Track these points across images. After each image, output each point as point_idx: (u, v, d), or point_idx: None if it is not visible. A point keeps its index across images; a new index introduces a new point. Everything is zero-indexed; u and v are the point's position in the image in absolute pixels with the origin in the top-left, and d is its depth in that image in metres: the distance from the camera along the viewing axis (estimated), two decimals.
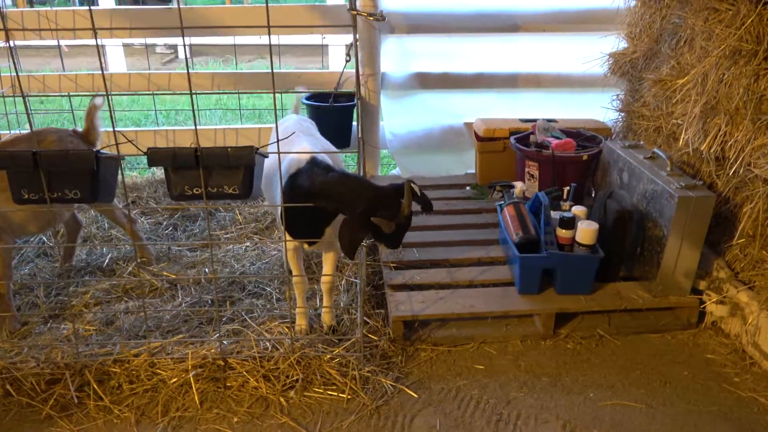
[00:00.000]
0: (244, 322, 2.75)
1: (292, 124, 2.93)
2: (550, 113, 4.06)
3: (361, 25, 3.95)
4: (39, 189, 2.20)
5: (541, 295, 2.83)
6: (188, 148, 2.14)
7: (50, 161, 2.15)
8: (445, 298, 2.82)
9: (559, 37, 4.16)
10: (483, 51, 4.20)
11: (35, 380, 2.39)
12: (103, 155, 2.21)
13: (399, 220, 2.22)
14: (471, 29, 4.09)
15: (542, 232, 2.82)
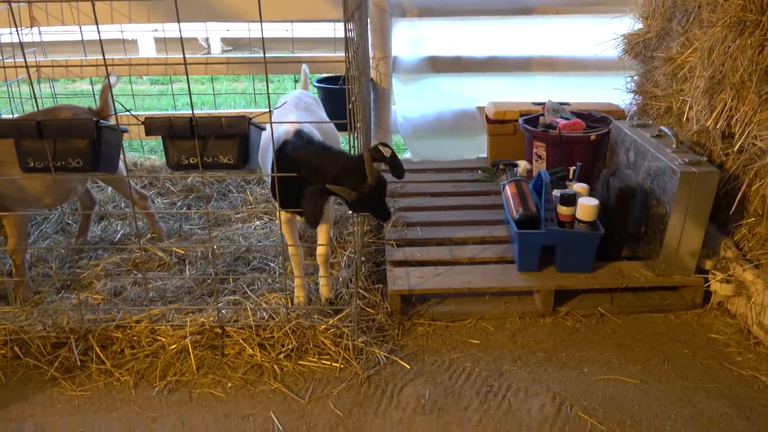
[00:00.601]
0: (245, 294, 2.80)
1: (291, 98, 2.97)
2: (564, 97, 4.02)
3: (372, 9, 3.98)
4: (44, 157, 2.28)
5: (541, 273, 2.81)
6: (183, 117, 2.20)
7: (53, 130, 2.23)
8: (443, 274, 2.82)
9: (573, 20, 4.11)
10: (495, 34, 4.19)
11: (41, 343, 2.49)
12: (103, 125, 2.29)
13: (363, 189, 2.23)
14: (483, 12, 4.08)
15: (542, 209, 2.80)
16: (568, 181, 3.07)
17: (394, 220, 3.30)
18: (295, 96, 3.01)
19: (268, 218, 3.63)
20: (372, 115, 4.25)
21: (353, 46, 2.45)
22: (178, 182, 4.09)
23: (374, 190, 2.28)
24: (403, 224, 3.29)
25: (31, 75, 4.17)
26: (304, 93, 3.14)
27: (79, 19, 3.92)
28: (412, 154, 4.40)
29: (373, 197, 2.29)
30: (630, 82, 3.76)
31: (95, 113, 3.01)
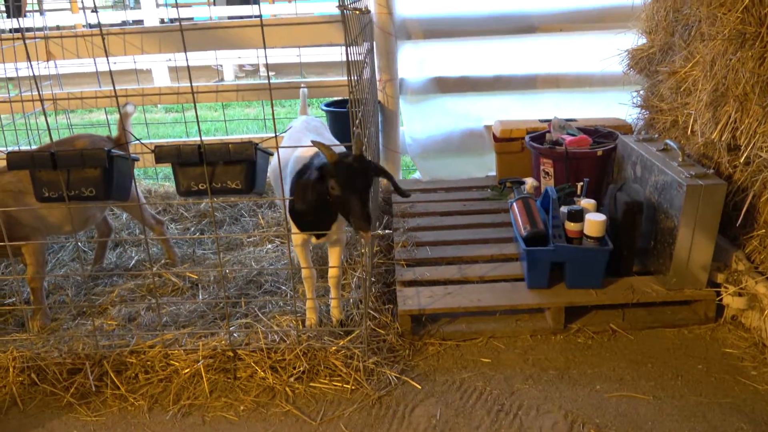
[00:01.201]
0: (256, 317, 2.82)
1: (299, 124, 3.02)
2: (570, 113, 4.03)
3: (377, 32, 4.04)
4: (58, 187, 2.34)
5: (551, 290, 2.80)
6: (192, 144, 2.24)
7: (66, 161, 2.29)
8: (453, 293, 2.82)
9: (576, 37, 4.14)
10: (500, 53, 4.22)
11: (58, 370, 2.52)
12: (115, 154, 2.34)
13: (348, 159, 2.26)
14: (487, 32, 4.12)
15: (550, 225, 2.80)
16: (576, 197, 3.06)
17: (403, 241, 3.31)
18: (304, 120, 3.06)
19: (279, 241, 3.66)
20: (380, 137, 4.29)
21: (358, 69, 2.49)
22: (191, 208, 4.15)
23: (358, 162, 2.26)
24: (412, 244, 3.30)
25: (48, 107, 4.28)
26: (311, 117, 3.20)
27: (93, 52, 4.02)
28: (421, 174, 4.43)
29: (355, 175, 2.25)
30: (636, 97, 3.76)
31: (114, 141, 3.08)
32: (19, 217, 2.79)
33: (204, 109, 7.66)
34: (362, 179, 2.26)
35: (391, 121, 4.27)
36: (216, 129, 6.77)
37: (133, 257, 3.57)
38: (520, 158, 3.85)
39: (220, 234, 3.79)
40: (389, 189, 4.17)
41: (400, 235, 3.39)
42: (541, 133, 3.67)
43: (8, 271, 3.44)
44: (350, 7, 2.06)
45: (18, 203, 2.78)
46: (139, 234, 3.86)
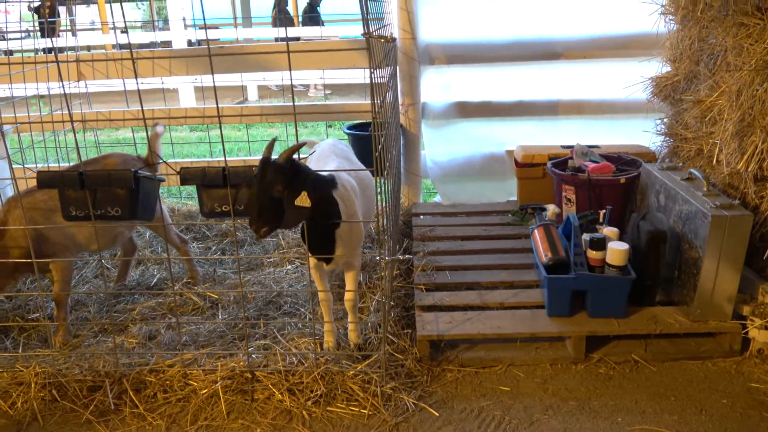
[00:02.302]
0: (275, 338, 2.83)
1: (327, 147, 3.05)
2: (593, 140, 4.02)
3: (401, 57, 4.08)
4: (85, 206, 2.39)
5: (573, 318, 2.77)
6: (217, 167, 2.28)
7: (93, 181, 2.34)
8: (472, 319, 2.81)
9: (600, 64, 4.14)
10: (523, 79, 4.23)
11: (78, 387, 2.55)
12: (141, 175, 2.39)
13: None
14: (510, 58, 4.14)
15: (572, 253, 2.78)
16: (598, 225, 3.04)
17: (423, 265, 3.31)
18: (330, 144, 3.09)
19: (299, 262, 3.68)
20: (402, 160, 4.31)
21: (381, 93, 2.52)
22: (213, 227, 4.20)
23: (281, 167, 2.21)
24: (432, 268, 3.30)
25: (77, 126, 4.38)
26: (337, 141, 3.22)
27: (123, 73, 4.12)
28: (442, 197, 4.43)
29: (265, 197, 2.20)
30: (660, 125, 3.74)
31: (144, 161, 3.13)
32: (48, 234, 2.85)
33: (228, 128, 7.78)
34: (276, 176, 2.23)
35: (412, 145, 4.30)
36: (239, 149, 6.87)
37: (155, 275, 3.61)
38: (541, 184, 3.84)
39: (241, 255, 3.82)
40: (410, 211, 4.18)
41: (419, 259, 3.39)
42: (564, 160, 3.66)
43: (33, 287, 3.50)
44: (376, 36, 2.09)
45: (48, 221, 2.84)
46: (162, 252, 3.91)
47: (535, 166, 3.84)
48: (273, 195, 2.17)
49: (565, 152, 3.80)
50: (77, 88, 4.36)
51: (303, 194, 2.20)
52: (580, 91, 4.24)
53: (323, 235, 2.45)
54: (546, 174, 3.74)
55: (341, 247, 2.52)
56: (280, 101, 9.18)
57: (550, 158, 3.74)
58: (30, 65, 3.97)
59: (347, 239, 2.52)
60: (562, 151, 3.84)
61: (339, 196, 2.48)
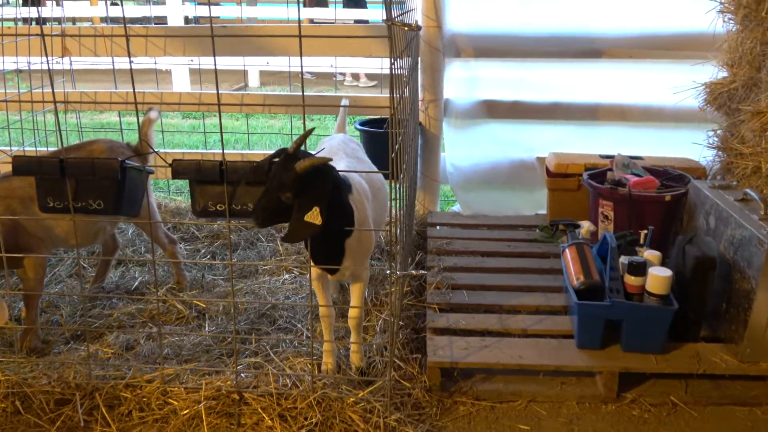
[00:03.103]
0: (267, 356, 2.83)
1: (336, 144, 3.05)
2: (636, 150, 4.00)
3: (423, 47, 4.09)
4: (64, 197, 2.40)
5: (604, 351, 2.76)
6: (213, 161, 2.29)
7: (76, 169, 2.35)
8: (490, 347, 2.80)
9: (647, 65, 4.13)
10: (560, 78, 4.23)
11: (45, 399, 2.56)
12: (128, 165, 2.40)
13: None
14: (547, 54, 4.14)
15: (607, 277, 2.77)
16: (638, 247, 3.03)
17: (437, 282, 3.30)
18: (340, 140, 3.09)
19: (298, 272, 3.69)
20: (419, 163, 4.32)
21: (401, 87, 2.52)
22: (203, 227, 4.21)
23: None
24: (447, 286, 3.29)
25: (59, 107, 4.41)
26: (347, 138, 3.23)
27: (112, 50, 4.15)
28: (461, 206, 4.43)
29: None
30: (712, 137, 3.73)
31: (134, 150, 3.14)
32: (26, 225, 2.86)
33: (224, 117, 7.82)
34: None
35: (432, 146, 4.30)
36: (236, 140, 6.90)
37: (137, 278, 3.63)
38: (575, 197, 3.83)
39: (234, 260, 3.83)
40: (425, 220, 4.18)
41: (434, 275, 3.38)
42: (602, 171, 3.65)
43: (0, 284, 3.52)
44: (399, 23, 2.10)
45: (27, 211, 2.86)
46: (146, 252, 3.92)
47: (569, 177, 3.84)
48: (280, 198, 2.18)
49: (604, 163, 3.79)
50: (60, 65, 4.40)
51: (315, 210, 2.17)
52: (623, 95, 4.23)
53: (331, 243, 2.45)
54: (581, 186, 3.73)
55: (350, 258, 2.52)
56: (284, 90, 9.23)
57: (586, 168, 3.73)
58: (10, 37, 4.01)
59: (357, 249, 2.53)
60: (600, 161, 3.83)
61: (354, 201, 2.49)
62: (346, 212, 2.44)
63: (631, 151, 3.93)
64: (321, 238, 2.37)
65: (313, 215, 2.17)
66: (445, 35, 4.14)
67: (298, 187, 2.18)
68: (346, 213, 2.43)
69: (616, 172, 3.58)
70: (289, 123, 6.87)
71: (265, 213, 2.22)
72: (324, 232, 2.22)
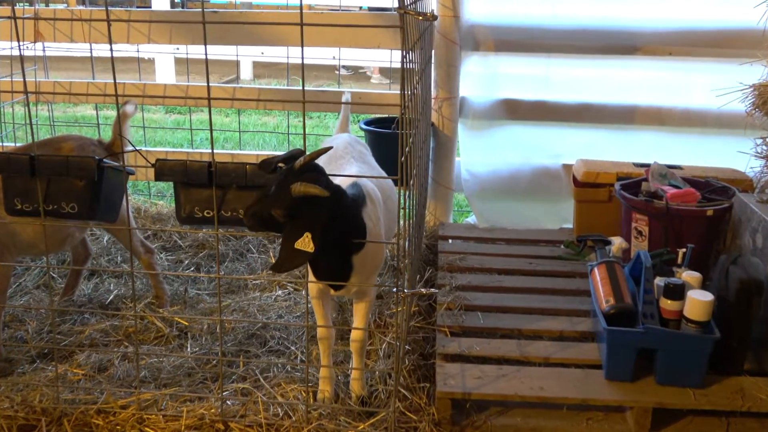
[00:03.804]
0: (257, 382, 2.83)
1: (341, 145, 3.07)
2: (674, 159, 4.00)
3: (438, 39, 4.11)
4: (34, 199, 2.41)
5: (636, 384, 2.74)
6: (201, 162, 2.30)
7: (48, 168, 2.36)
8: (508, 376, 2.79)
9: (689, 64, 4.15)
10: (590, 76, 4.25)
11: (7, 425, 2.56)
12: (106, 165, 2.41)
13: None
14: (575, 49, 4.15)
15: (640, 301, 2.77)
16: (676, 267, 3.03)
17: (449, 302, 3.30)
18: (345, 141, 3.11)
19: (292, 288, 3.69)
20: (431, 168, 4.32)
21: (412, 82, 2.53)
22: (187, 236, 4.22)
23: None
24: (460, 307, 3.29)
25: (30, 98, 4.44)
26: (354, 139, 3.24)
27: (90, 36, 4.18)
28: (477, 218, 4.43)
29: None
30: (761, 145, 3.73)
31: (106, 147, 3.16)
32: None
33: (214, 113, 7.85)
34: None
35: (445, 149, 4.31)
36: (226, 139, 6.93)
37: (112, 291, 3.63)
38: (606, 210, 3.83)
39: (221, 273, 3.83)
40: (435, 233, 4.18)
41: (445, 295, 3.38)
42: (636, 181, 3.65)
43: None
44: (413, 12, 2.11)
45: None
46: (123, 262, 3.93)
47: (599, 187, 3.84)
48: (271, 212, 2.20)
49: (638, 172, 3.79)
50: (32, 51, 4.43)
51: (306, 237, 2.16)
52: (661, 96, 4.24)
53: (338, 257, 2.45)
54: (613, 198, 3.73)
55: (358, 274, 2.51)
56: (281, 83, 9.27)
57: (618, 178, 3.73)
58: None
59: (366, 264, 2.53)
60: (634, 170, 3.84)
61: (368, 214, 2.51)
62: (359, 227, 2.45)
63: (669, 159, 3.93)
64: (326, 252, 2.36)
65: (304, 242, 2.17)
66: (463, 26, 4.16)
67: (291, 210, 2.19)
68: (358, 228, 2.45)
69: (651, 183, 3.58)
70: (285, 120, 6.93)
71: (254, 220, 2.24)
72: (332, 246, 2.23)
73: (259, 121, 7.96)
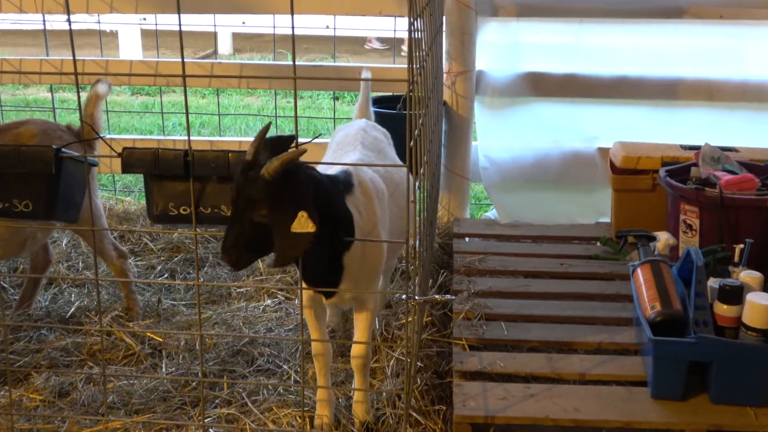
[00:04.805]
0: (244, 407, 2.84)
1: (353, 132, 3.07)
2: (729, 139, 4.00)
3: (450, 4, 4.10)
4: None
5: (687, 403, 2.74)
6: (175, 150, 2.30)
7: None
8: (537, 396, 2.79)
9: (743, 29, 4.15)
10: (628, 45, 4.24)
11: None
12: (66, 155, 2.41)
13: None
14: (610, 13, 4.16)
15: (691, 306, 2.77)
16: (732, 267, 3.03)
17: (467, 311, 3.30)
18: (360, 128, 3.11)
19: (283, 296, 3.69)
20: (443, 154, 4.32)
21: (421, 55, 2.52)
22: (160, 237, 4.22)
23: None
24: (480, 316, 3.29)
25: None
26: (370, 125, 3.24)
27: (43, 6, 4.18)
28: (498, 212, 4.43)
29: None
30: None
31: (76, 135, 3.14)
32: None
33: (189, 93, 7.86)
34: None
35: (459, 132, 4.32)
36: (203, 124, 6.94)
37: (73, 303, 3.64)
38: (649, 200, 3.84)
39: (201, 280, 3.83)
40: (450, 230, 4.18)
41: (462, 302, 3.38)
42: (684, 166, 3.65)
43: None
44: None
45: None
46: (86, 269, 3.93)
47: (640, 174, 3.84)
48: (254, 219, 2.17)
49: (687, 156, 3.78)
50: None
51: (301, 216, 2.15)
52: (711, 67, 4.24)
53: (323, 258, 2.44)
54: (657, 186, 3.73)
55: (350, 278, 2.50)
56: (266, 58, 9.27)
57: (663, 163, 3.73)
58: None
59: (360, 266, 2.53)
60: (682, 153, 3.83)
61: (354, 203, 2.49)
62: (343, 218, 2.43)
63: (723, 140, 3.93)
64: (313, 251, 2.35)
65: (300, 223, 2.16)
66: None
67: (272, 197, 2.16)
68: (341, 219, 2.43)
69: (702, 168, 3.57)
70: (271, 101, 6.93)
71: (238, 248, 2.20)
72: (316, 243, 2.21)
73: (241, 102, 7.97)
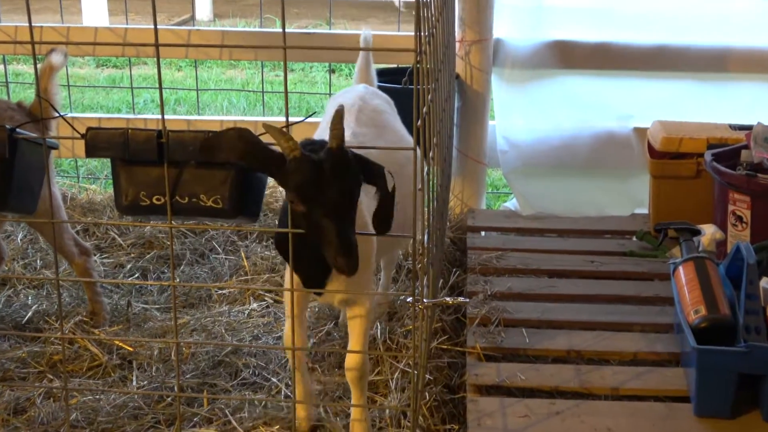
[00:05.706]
0: (227, 425, 2.84)
1: (351, 99, 3.06)
2: None
3: None
4: None
5: (737, 421, 2.75)
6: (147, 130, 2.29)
7: None
8: (564, 414, 2.79)
9: None
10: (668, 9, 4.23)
11: None
12: (21, 136, 2.41)
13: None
14: None
15: (741, 310, 2.77)
16: None
17: (483, 315, 3.30)
18: (358, 96, 3.10)
19: (272, 299, 3.69)
20: (455, 135, 4.31)
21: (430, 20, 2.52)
22: (130, 231, 4.22)
23: (333, 158, 2.20)
24: (497, 322, 3.29)
25: None
26: (372, 92, 3.25)
27: None
28: (519, 202, 4.43)
29: (325, 181, 2.18)
30: None
31: (28, 113, 3.15)
32: None
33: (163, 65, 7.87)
34: (337, 187, 2.19)
35: (474, 110, 4.32)
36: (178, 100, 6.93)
37: (30, 306, 3.64)
38: (693, 188, 3.84)
39: (177, 280, 3.83)
40: (463, 223, 4.18)
41: (477, 306, 3.38)
42: (734, 149, 3.65)
43: None
44: None
45: None
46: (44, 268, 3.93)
47: (682, 158, 3.84)
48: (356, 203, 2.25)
49: (736, 136, 3.79)
50: None
51: (387, 172, 2.30)
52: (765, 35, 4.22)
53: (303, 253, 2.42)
54: (702, 172, 3.72)
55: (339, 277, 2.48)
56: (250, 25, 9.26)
57: (709, 145, 3.73)
58: None
59: None
60: (730, 134, 3.84)
61: None
62: None
63: None
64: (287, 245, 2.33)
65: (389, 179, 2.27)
66: None
67: (362, 167, 2.24)
68: None
69: (754, 151, 3.57)
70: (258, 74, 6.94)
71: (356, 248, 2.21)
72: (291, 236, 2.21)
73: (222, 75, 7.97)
